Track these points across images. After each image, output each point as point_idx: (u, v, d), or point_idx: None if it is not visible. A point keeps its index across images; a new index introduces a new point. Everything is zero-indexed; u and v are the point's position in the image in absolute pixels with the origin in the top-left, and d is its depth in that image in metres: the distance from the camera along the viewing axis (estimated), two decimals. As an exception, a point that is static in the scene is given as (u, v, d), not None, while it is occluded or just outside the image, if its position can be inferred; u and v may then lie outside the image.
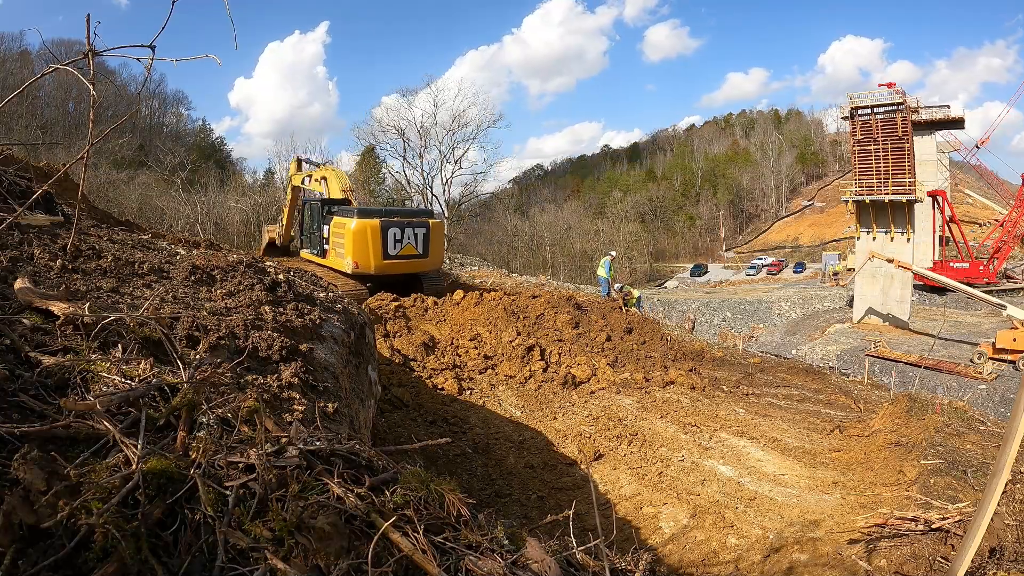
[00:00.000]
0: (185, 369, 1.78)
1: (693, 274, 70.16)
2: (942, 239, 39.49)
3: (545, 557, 1.52)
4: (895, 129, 30.02)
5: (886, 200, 30.02)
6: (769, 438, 7.99)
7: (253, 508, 1.27)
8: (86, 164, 2.83)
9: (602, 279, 17.85)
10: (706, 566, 5.21)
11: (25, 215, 3.01)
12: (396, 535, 1.34)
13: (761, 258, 69.74)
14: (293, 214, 17.64)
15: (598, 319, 12.49)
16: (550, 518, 2.13)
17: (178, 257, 3.91)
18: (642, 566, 1.77)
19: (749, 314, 42.08)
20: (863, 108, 30.83)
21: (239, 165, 71.07)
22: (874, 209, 30.83)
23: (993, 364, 22.67)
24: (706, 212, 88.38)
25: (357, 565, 1.24)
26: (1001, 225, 39.22)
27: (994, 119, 65.43)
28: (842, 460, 7.40)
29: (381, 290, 12.78)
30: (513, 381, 9.92)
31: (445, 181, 46.01)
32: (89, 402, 1.41)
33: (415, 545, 1.34)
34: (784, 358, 19.03)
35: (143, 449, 1.29)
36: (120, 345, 1.87)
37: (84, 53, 2.08)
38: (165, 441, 1.41)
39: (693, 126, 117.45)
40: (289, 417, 2.13)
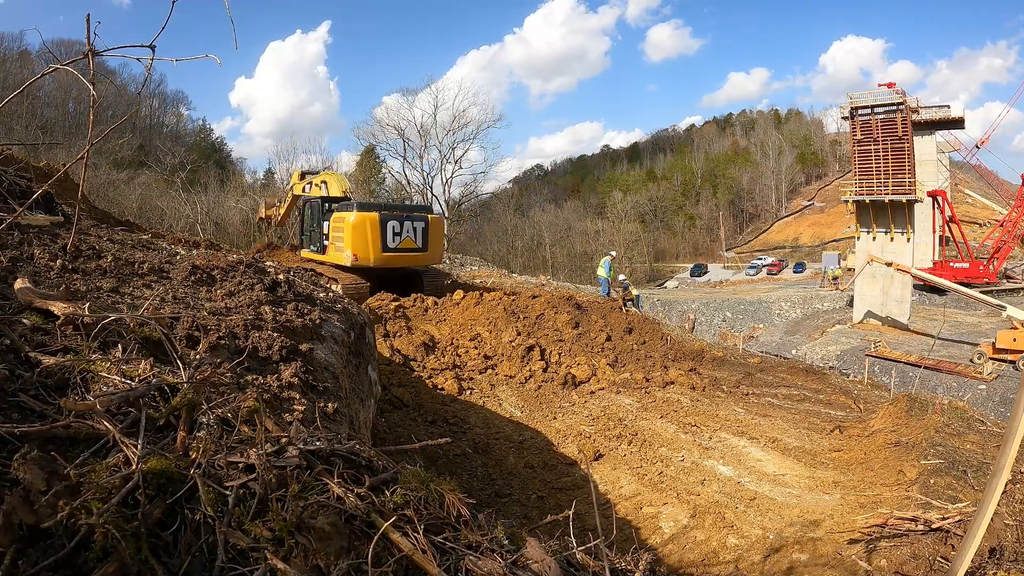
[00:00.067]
0: (185, 369, 1.78)
1: (693, 274, 70.15)
2: (942, 239, 39.49)
3: (545, 557, 1.52)
4: (895, 129, 30.02)
5: (886, 200, 30.02)
6: (769, 438, 7.99)
7: (253, 508, 1.27)
8: (86, 164, 2.83)
9: (602, 279, 17.89)
10: (706, 566, 5.20)
11: (25, 215, 3.01)
12: (396, 535, 1.34)
13: (761, 258, 69.72)
14: (291, 212, 18.68)
15: (598, 319, 12.49)
16: (550, 518, 2.13)
17: (178, 257, 3.91)
18: (642, 566, 1.77)
19: (749, 314, 42.05)
20: (863, 108, 30.82)
21: (239, 165, 71.15)
22: (874, 209, 30.83)
23: (993, 364, 22.65)
24: (706, 212, 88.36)
25: (357, 565, 1.24)
26: (1001, 225, 39.22)
27: (994, 119, 65.50)
28: (842, 460, 7.40)
29: (381, 289, 12.82)
30: (513, 381, 9.92)
31: (445, 181, 46.09)
32: (89, 402, 1.41)
33: (415, 545, 1.34)
34: (784, 358, 19.02)
35: (143, 449, 1.29)
36: (120, 345, 1.87)
37: (84, 53, 2.08)
38: (165, 441, 1.41)
39: (693, 126, 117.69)
40: (289, 417, 2.13)
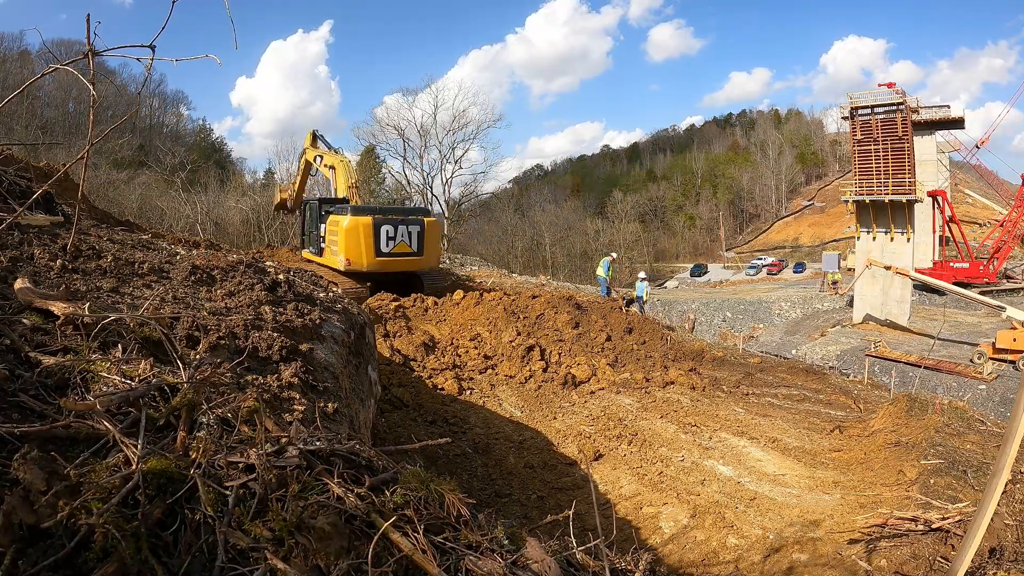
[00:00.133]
0: (185, 369, 1.78)
1: (693, 274, 70.14)
2: (942, 239, 39.48)
3: (545, 557, 1.52)
4: (895, 129, 30.01)
5: (886, 200, 30.01)
6: (769, 438, 7.99)
7: (253, 508, 1.27)
8: (86, 164, 2.83)
9: (601, 279, 17.90)
10: (706, 566, 5.21)
11: (25, 215, 3.01)
12: (396, 535, 1.34)
13: (761, 258, 69.71)
14: (304, 183, 18.78)
15: (598, 319, 12.49)
16: (550, 518, 2.13)
17: (178, 257, 3.91)
18: (642, 566, 1.77)
19: (749, 314, 42.04)
20: (863, 108, 30.81)
21: (239, 165, 71.19)
22: (874, 209, 30.82)
23: (993, 364, 22.64)
24: (706, 212, 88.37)
25: (357, 565, 1.24)
26: (1001, 225, 39.21)
27: (994, 119, 65.50)
28: (842, 460, 7.40)
29: (381, 290, 12.80)
30: (513, 381, 9.92)
31: (445, 181, 46.07)
32: (89, 402, 1.41)
33: (415, 545, 1.34)
34: (784, 358, 19.00)
35: (143, 449, 1.29)
36: (120, 345, 1.87)
37: (84, 53, 2.08)
38: (165, 441, 1.41)
39: (693, 126, 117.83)
40: (289, 417, 2.13)
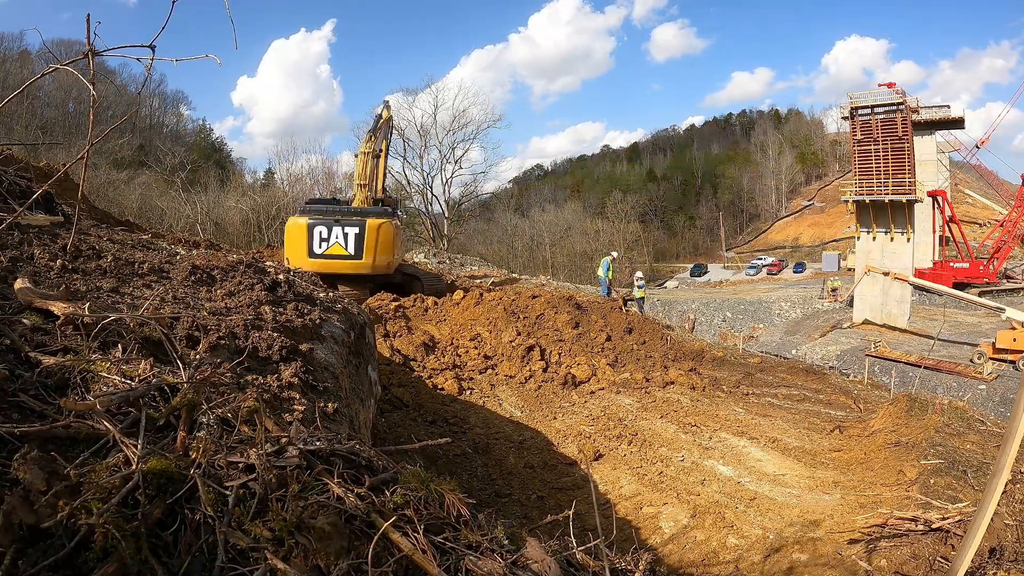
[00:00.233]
0: (185, 369, 1.78)
1: (693, 274, 70.17)
2: (942, 239, 39.50)
3: (545, 557, 1.52)
4: (895, 129, 30.04)
5: (886, 200, 30.05)
6: (769, 438, 7.99)
7: (253, 508, 1.27)
8: (86, 164, 2.83)
9: (601, 279, 17.90)
10: (706, 566, 5.21)
11: (25, 215, 3.01)
12: (396, 535, 1.34)
13: (761, 258, 69.73)
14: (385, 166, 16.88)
15: (598, 319, 12.48)
16: (550, 518, 2.13)
17: (178, 257, 3.91)
18: (642, 566, 1.78)
19: (749, 314, 42.07)
20: (863, 108, 30.85)
21: (239, 165, 71.07)
22: (874, 209, 30.85)
23: (993, 364, 22.67)
24: (706, 212, 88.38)
25: (357, 565, 1.24)
26: (1001, 225, 39.23)
27: (994, 119, 65.48)
28: (842, 460, 7.39)
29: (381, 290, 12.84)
30: (513, 381, 9.92)
31: (445, 181, 45.96)
32: (89, 402, 1.41)
33: (415, 545, 1.34)
34: (784, 358, 19.01)
35: (143, 449, 1.29)
36: (120, 345, 1.87)
37: (84, 53, 2.08)
38: (165, 441, 1.41)
39: (693, 126, 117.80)
40: (289, 417, 2.13)
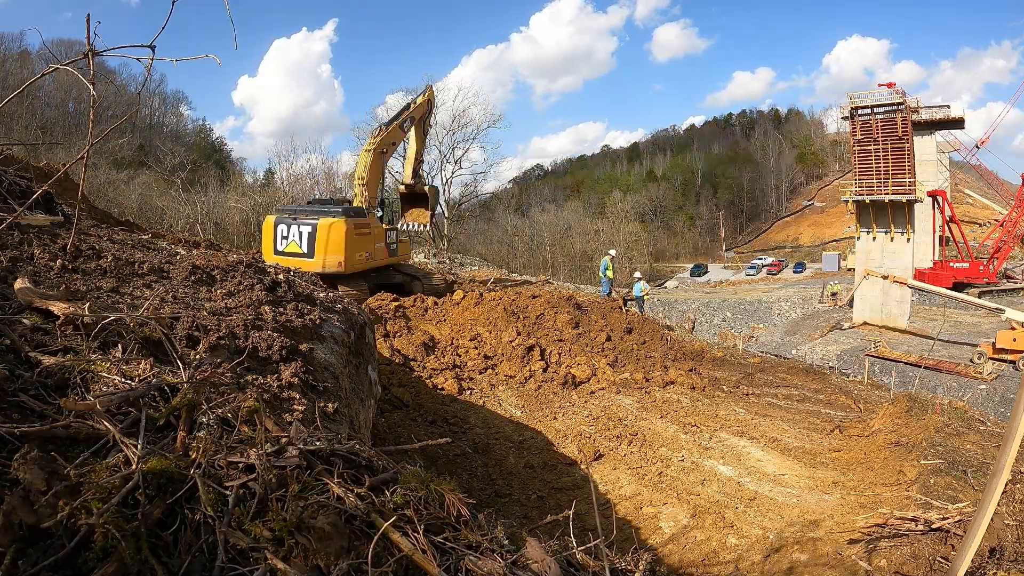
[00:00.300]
0: (185, 369, 1.78)
1: (693, 274, 70.15)
2: (942, 239, 39.45)
3: (545, 557, 1.52)
4: (895, 129, 30.00)
5: (886, 200, 30.01)
6: (769, 438, 7.99)
7: (253, 508, 1.27)
8: (86, 164, 2.83)
9: (605, 280, 17.86)
10: (706, 566, 5.21)
11: (25, 215, 3.01)
12: (396, 535, 1.34)
13: (761, 258, 69.75)
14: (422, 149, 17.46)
15: (598, 319, 12.49)
16: (550, 518, 2.13)
17: (178, 257, 3.91)
18: (642, 566, 1.77)
19: (749, 314, 42.06)
20: (863, 108, 30.80)
21: (239, 165, 70.94)
22: (874, 209, 30.83)
23: (993, 364, 22.66)
24: (706, 212, 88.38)
25: (357, 565, 1.24)
26: (1001, 225, 39.21)
27: (995, 119, 65.46)
28: (842, 460, 7.40)
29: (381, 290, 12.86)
30: (513, 381, 9.92)
31: (445, 181, 45.98)
32: (89, 402, 1.41)
33: (415, 545, 1.34)
34: (784, 358, 19.01)
35: (143, 449, 1.29)
36: (120, 345, 1.87)
37: (84, 53, 2.08)
38: (165, 441, 1.41)
39: (693, 126, 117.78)
40: (289, 417, 2.13)
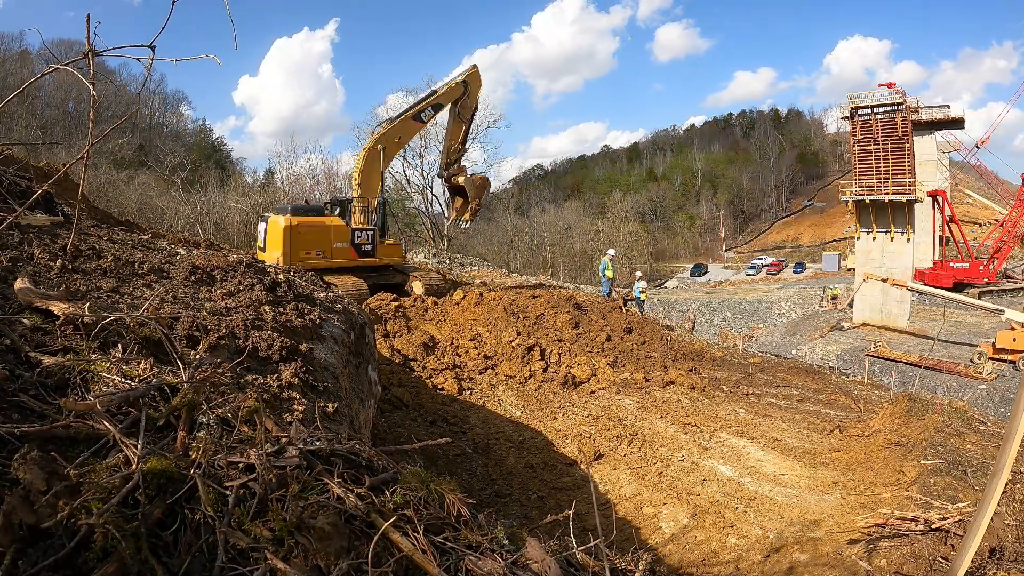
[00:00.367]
0: (185, 369, 1.78)
1: (693, 274, 70.15)
2: (942, 239, 39.42)
3: (545, 557, 1.52)
4: (895, 129, 29.99)
5: (886, 200, 30.00)
6: (769, 438, 7.99)
7: (253, 508, 1.27)
8: (86, 164, 2.83)
9: (605, 280, 17.83)
10: (706, 566, 5.21)
11: (25, 215, 3.01)
12: (396, 535, 1.34)
13: (761, 258, 69.74)
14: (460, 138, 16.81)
15: (598, 319, 12.49)
16: (550, 518, 2.13)
17: (178, 257, 3.91)
18: (642, 566, 1.77)
19: (749, 314, 42.05)
20: (863, 108, 30.79)
21: (239, 165, 70.85)
22: (874, 209, 30.81)
23: (993, 364, 22.65)
24: (706, 212, 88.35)
25: (357, 565, 1.24)
26: (1001, 225, 39.19)
27: (995, 119, 65.47)
28: (842, 460, 7.39)
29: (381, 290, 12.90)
30: (513, 381, 9.92)
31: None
32: (89, 402, 1.41)
33: (415, 545, 1.34)
34: (784, 358, 19.00)
35: (143, 449, 1.29)
36: (120, 345, 1.87)
37: (84, 53, 2.08)
38: (165, 441, 1.41)
39: (693, 126, 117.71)
40: (289, 417, 2.13)
